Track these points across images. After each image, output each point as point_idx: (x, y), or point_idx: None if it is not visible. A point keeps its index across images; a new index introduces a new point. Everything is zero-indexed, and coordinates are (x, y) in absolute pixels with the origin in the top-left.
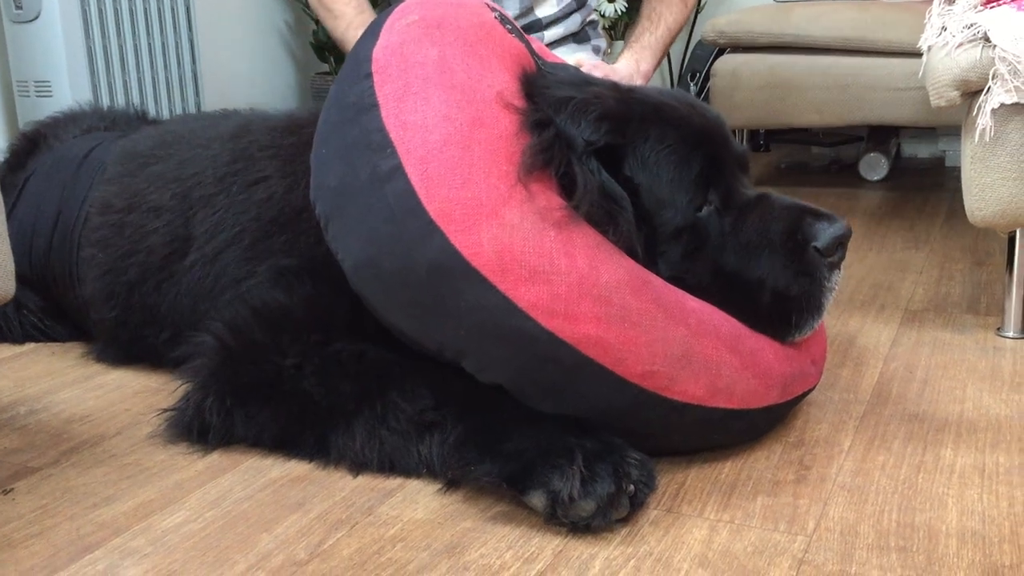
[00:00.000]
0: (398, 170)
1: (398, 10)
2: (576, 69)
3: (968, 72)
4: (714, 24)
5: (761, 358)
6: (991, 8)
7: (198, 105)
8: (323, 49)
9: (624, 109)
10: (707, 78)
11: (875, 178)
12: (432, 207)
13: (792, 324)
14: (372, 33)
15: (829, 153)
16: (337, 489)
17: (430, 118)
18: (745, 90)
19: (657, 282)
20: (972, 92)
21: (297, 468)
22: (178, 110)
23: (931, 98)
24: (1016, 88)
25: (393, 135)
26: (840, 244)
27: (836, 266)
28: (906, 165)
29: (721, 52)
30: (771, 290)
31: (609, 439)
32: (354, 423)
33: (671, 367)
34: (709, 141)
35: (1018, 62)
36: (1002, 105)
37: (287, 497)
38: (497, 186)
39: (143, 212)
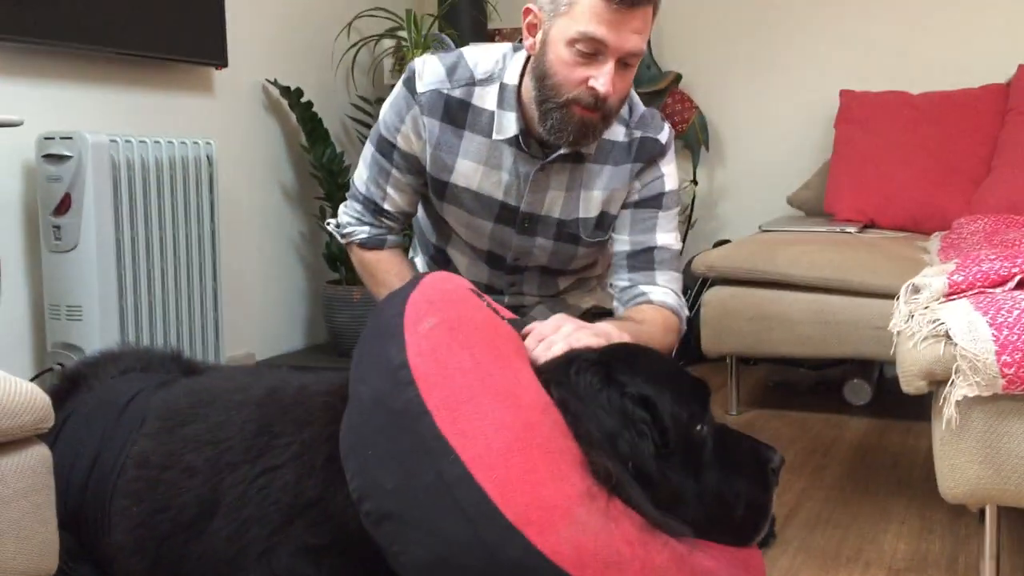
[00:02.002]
0: (467, 476)
1: (410, 311)
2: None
3: (933, 365)
4: (704, 259)
5: None
6: (952, 300)
7: (216, 318)
8: (334, 259)
9: (609, 356)
10: (696, 301)
11: (859, 403)
12: (509, 512)
13: (757, 528)
14: (395, 336)
15: (815, 375)
16: None
17: (487, 426)
18: (734, 320)
19: (683, 550)
20: (938, 381)
21: None
22: (198, 321)
23: (902, 384)
24: (977, 383)
25: (453, 443)
26: (781, 467)
27: (777, 483)
28: (890, 387)
29: (707, 282)
30: (745, 502)
31: None
32: None
33: None
34: (688, 373)
35: (976, 360)
36: (965, 397)
37: None
38: (562, 487)
39: (177, 471)
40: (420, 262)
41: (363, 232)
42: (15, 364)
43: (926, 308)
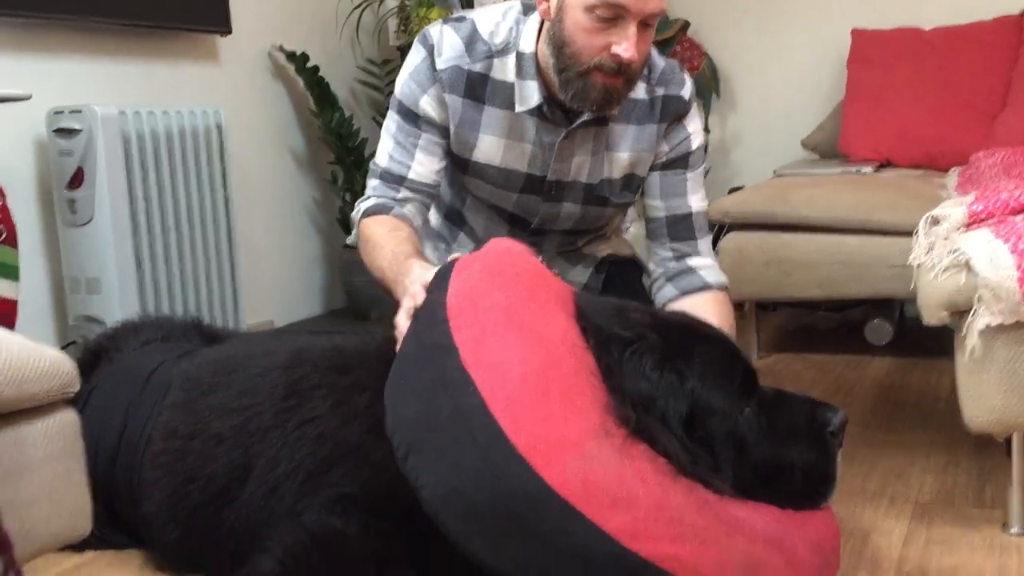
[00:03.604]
0: (481, 407)
1: (460, 263)
2: (605, 300)
3: (955, 295)
4: (719, 205)
5: (800, 554)
6: (972, 230)
7: (234, 286)
8: (348, 223)
9: (668, 340)
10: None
11: (880, 343)
12: (519, 442)
13: (822, 494)
14: (442, 282)
15: (836, 317)
16: None
17: (508, 360)
18: (751, 266)
19: (712, 498)
20: (960, 312)
21: None
22: (216, 294)
23: (923, 316)
24: (999, 311)
25: (473, 375)
26: (843, 427)
27: (841, 444)
28: (911, 326)
29: (724, 229)
30: (802, 471)
31: None
32: None
33: (737, 575)
34: (738, 352)
35: (998, 287)
36: (988, 326)
37: None
38: (576, 421)
39: (205, 440)
40: (433, 217)
41: (370, 201)
42: (38, 338)
43: (946, 239)
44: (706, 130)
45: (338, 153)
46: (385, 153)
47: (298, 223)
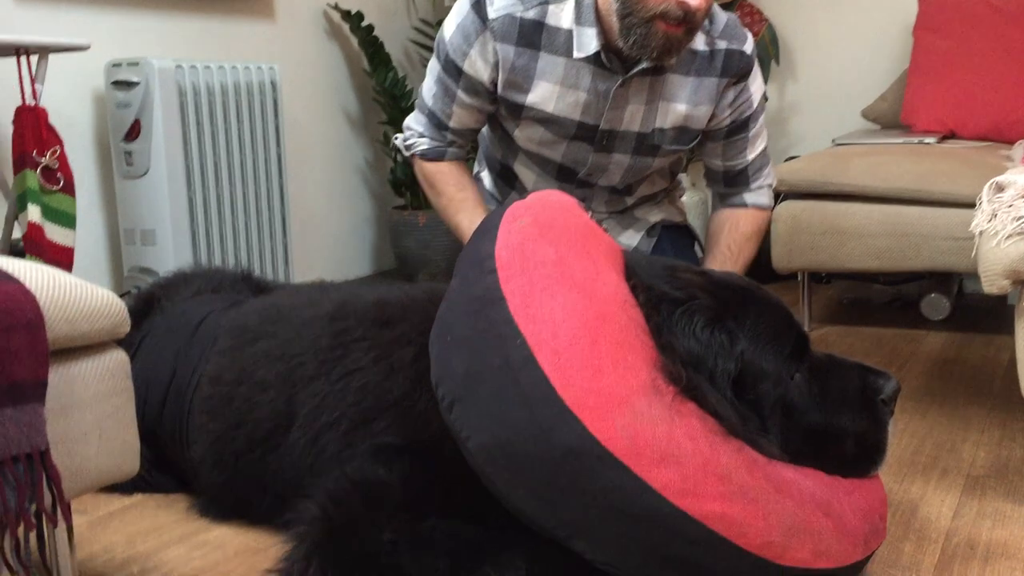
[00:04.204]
0: (530, 360)
1: (509, 212)
2: (656, 258)
3: (1018, 263)
4: (775, 172)
5: (847, 520)
6: None
7: (285, 243)
8: (400, 185)
9: (720, 300)
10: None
11: (937, 318)
12: (567, 395)
13: (873, 462)
14: (490, 232)
15: (891, 291)
16: None
17: (557, 313)
18: (806, 235)
19: (761, 459)
20: (1022, 280)
21: None
22: (267, 250)
23: (983, 284)
24: None
25: (522, 327)
26: (895, 395)
27: (892, 412)
28: (969, 302)
29: (779, 197)
30: (852, 437)
31: None
32: None
33: (784, 536)
34: (792, 318)
35: None
36: None
37: None
38: (625, 376)
39: (251, 386)
40: (486, 177)
41: (424, 144)
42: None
43: (1010, 206)
44: (763, 98)
45: (391, 114)
46: (430, 93)
47: (350, 183)
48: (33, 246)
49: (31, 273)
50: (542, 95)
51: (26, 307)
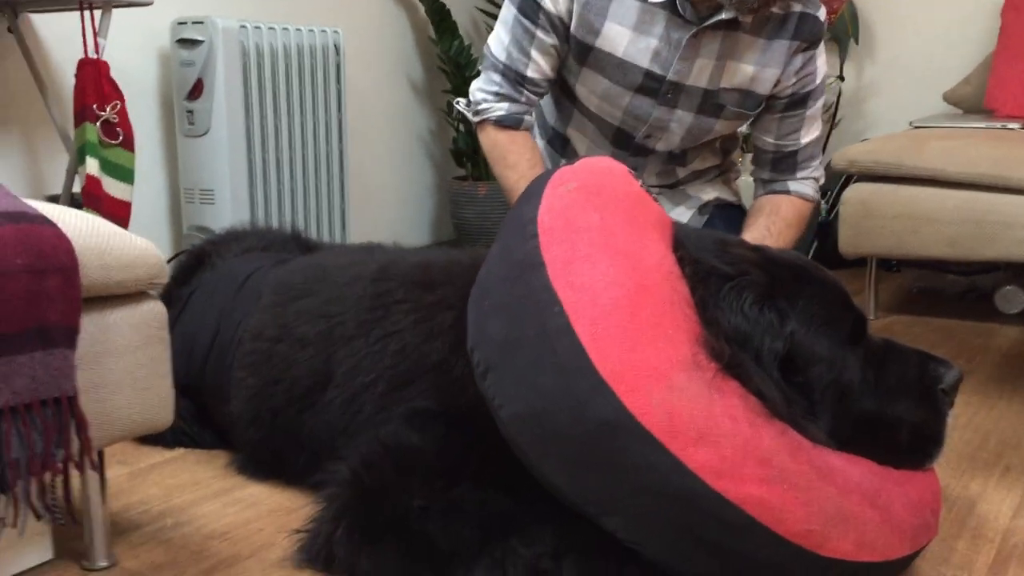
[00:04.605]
0: (567, 328)
1: (556, 176)
2: (707, 232)
3: None
4: (845, 153)
5: (895, 512)
6: None
7: (343, 210)
8: (461, 155)
9: (773, 277)
10: (836, 202)
11: (1012, 311)
12: (603, 367)
13: (928, 454)
14: (534, 196)
15: (964, 281)
16: None
17: (598, 282)
18: (876, 219)
19: (806, 444)
20: None
21: None
22: (325, 215)
23: None
24: None
25: (561, 295)
26: (957, 385)
27: (952, 403)
28: None
29: (849, 179)
30: (908, 427)
31: None
32: (473, 569)
33: (825, 526)
34: (850, 299)
35: None
36: None
37: None
38: (664, 350)
39: (290, 343)
40: (539, 144)
41: (500, 109)
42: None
43: None
44: (840, 77)
45: (455, 83)
46: (502, 47)
47: (411, 151)
48: (91, 199)
49: (69, 218)
50: (613, 38)
51: (60, 252)
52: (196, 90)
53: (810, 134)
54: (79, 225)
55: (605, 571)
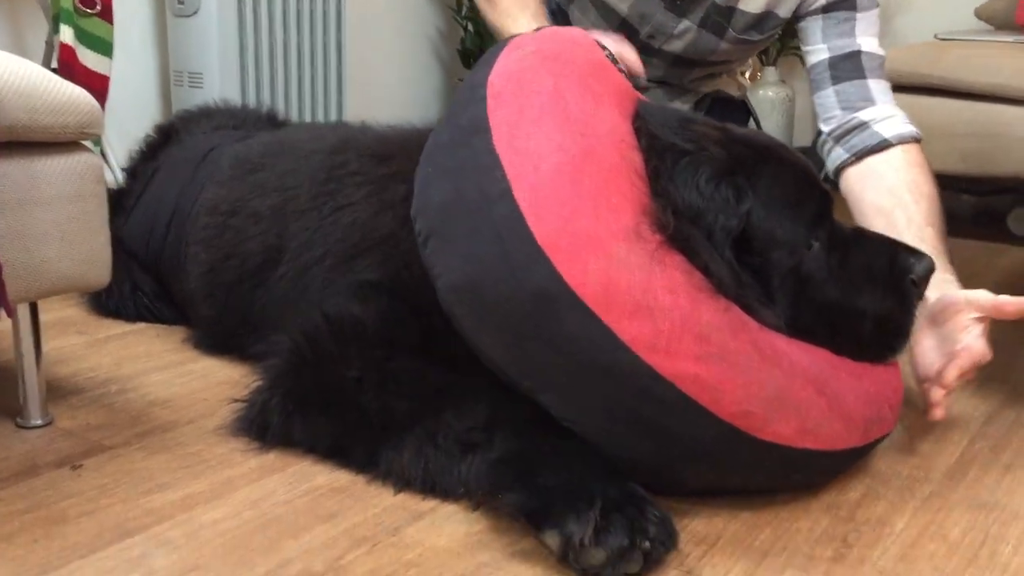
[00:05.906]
0: (507, 194)
1: (514, 41)
2: (673, 109)
3: None
4: None
5: (845, 401)
6: None
7: (339, 105)
8: (469, 56)
9: (733, 155)
10: None
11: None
12: (540, 233)
13: (892, 348)
14: (488, 61)
15: (976, 202)
16: (372, 505)
17: (543, 146)
18: None
19: (752, 324)
20: None
21: (342, 478)
22: (320, 109)
23: None
24: None
25: (504, 159)
26: (928, 276)
27: (922, 295)
28: None
29: None
30: (872, 318)
31: (635, 492)
32: (404, 439)
33: (765, 408)
34: (816, 181)
35: None
36: None
37: (323, 507)
38: (606, 219)
39: (244, 217)
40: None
41: None
42: (143, 129)
43: None
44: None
45: None
46: None
47: (416, 50)
48: (65, 68)
49: None
50: None
51: None
52: None
53: (870, 40)
54: (8, 65)
55: (537, 447)
